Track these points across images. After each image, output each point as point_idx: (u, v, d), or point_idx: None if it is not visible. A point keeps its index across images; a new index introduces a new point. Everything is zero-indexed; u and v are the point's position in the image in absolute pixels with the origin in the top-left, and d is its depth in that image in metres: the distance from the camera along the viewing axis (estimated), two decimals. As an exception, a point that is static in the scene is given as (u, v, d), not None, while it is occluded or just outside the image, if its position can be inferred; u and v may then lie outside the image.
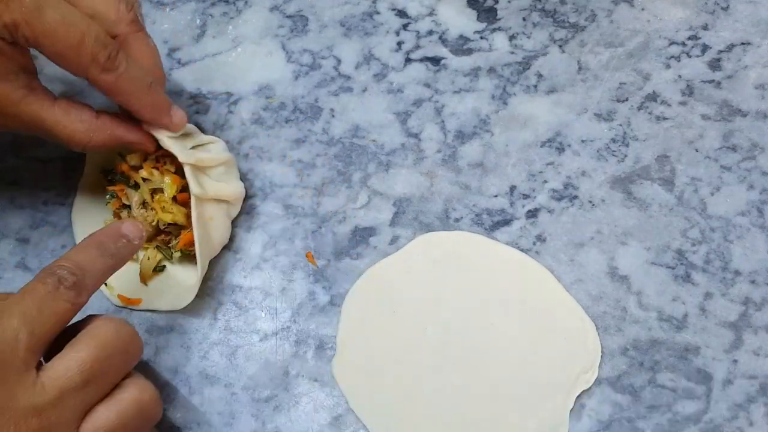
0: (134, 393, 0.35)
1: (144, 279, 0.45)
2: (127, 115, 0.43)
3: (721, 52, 0.51)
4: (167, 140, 0.43)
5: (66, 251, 0.37)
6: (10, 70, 0.39)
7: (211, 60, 0.53)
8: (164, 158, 0.44)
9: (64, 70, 0.39)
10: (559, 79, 0.51)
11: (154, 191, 0.44)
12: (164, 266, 0.45)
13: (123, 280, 0.45)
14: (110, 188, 0.45)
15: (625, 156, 0.47)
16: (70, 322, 0.35)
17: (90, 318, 0.36)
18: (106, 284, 0.45)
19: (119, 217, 0.45)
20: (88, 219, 0.46)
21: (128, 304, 0.44)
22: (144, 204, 0.44)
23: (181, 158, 0.42)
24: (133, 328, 0.36)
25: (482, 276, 0.44)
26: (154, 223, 0.44)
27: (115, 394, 0.34)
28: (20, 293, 0.33)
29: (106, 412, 0.34)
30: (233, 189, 0.45)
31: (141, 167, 0.44)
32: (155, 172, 0.44)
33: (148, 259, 0.45)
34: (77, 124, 0.41)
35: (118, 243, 0.38)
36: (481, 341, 0.41)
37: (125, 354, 0.35)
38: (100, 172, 0.47)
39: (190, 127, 0.45)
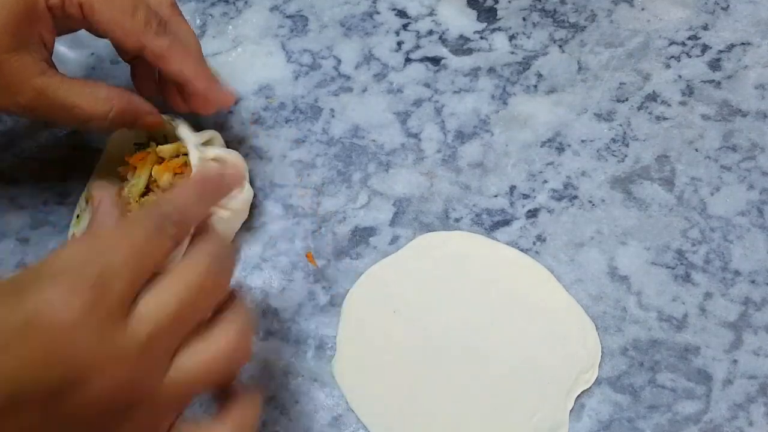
0: (222, 340, 0.32)
1: None
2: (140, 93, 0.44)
3: (721, 52, 0.51)
4: (192, 147, 0.43)
5: (172, 191, 0.34)
6: (37, 42, 0.39)
7: (211, 60, 0.53)
8: (188, 168, 0.44)
9: (115, 40, 0.41)
10: (559, 79, 0.51)
11: (150, 190, 0.44)
12: None
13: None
14: (128, 157, 0.45)
15: (625, 156, 0.47)
16: None
17: (188, 249, 0.33)
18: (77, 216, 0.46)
19: (123, 180, 0.45)
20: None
21: None
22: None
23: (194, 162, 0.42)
24: (223, 262, 0.33)
25: (482, 276, 0.44)
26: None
27: (203, 336, 0.32)
28: (122, 234, 0.31)
29: (192, 356, 0.31)
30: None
31: (163, 161, 0.44)
32: (166, 175, 0.43)
33: None
34: (98, 95, 0.41)
35: (217, 193, 0.36)
36: (481, 341, 0.41)
37: (209, 294, 0.32)
38: (134, 144, 0.46)
39: (213, 135, 0.46)
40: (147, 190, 0.44)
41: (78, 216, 0.47)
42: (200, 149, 0.44)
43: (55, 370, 0.28)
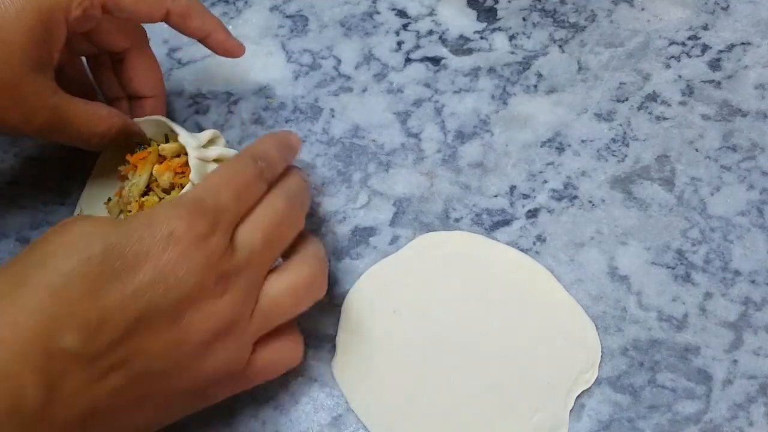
0: (305, 270, 0.37)
1: None
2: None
3: (721, 52, 0.51)
4: (192, 150, 0.43)
5: (254, 142, 0.39)
6: (49, 61, 0.40)
7: (211, 60, 0.53)
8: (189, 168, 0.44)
9: (141, 18, 0.43)
10: (559, 79, 0.51)
11: (150, 190, 0.44)
12: None
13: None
14: (129, 156, 0.45)
15: (625, 156, 0.47)
16: None
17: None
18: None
19: (123, 180, 0.46)
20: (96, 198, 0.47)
21: None
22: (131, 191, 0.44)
23: (192, 176, 0.42)
24: (300, 195, 0.38)
25: (482, 276, 0.44)
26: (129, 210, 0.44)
27: (287, 267, 0.37)
28: (228, 172, 0.36)
29: (279, 284, 0.36)
30: None
31: (164, 160, 0.44)
32: (166, 175, 0.43)
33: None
34: (100, 114, 0.42)
35: (290, 153, 0.40)
36: (481, 341, 0.41)
37: (292, 222, 0.37)
38: (135, 143, 0.46)
39: (215, 135, 0.46)
40: (147, 190, 0.44)
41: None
42: (201, 151, 0.44)
43: (180, 284, 0.31)
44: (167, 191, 0.44)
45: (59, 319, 0.29)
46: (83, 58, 0.48)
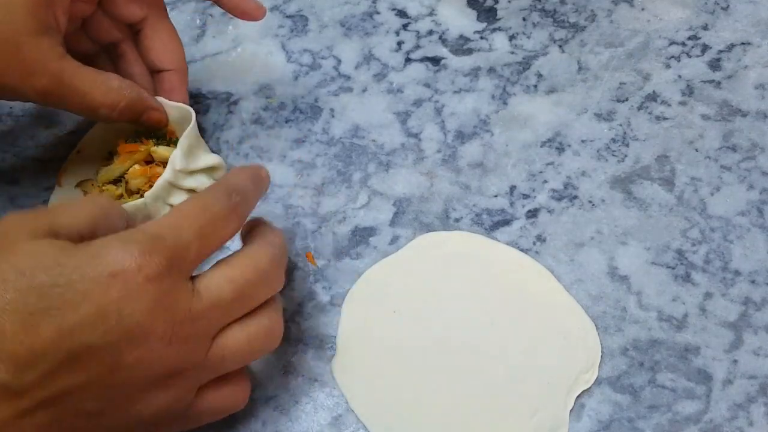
0: (265, 322, 0.35)
1: None
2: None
3: (721, 52, 0.51)
4: (170, 170, 0.42)
5: (227, 175, 0.37)
6: (54, 25, 0.39)
7: (211, 60, 0.53)
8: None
9: None
10: (559, 79, 0.51)
11: (120, 181, 0.43)
12: None
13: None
14: (121, 143, 0.44)
15: (625, 156, 0.47)
16: None
17: (253, 234, 0.36)
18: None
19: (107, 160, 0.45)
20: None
21: None
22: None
23: (168, 175, 0.41)
24: (284, 256, 0.36)
25: (482, 276, 0.44)
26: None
27: (248, 318, 0.34)
28: (197, 206, 0.33)
29: (237, 334, 0.34)
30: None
31: (150, 163, 0.43)
32: (139, 179, 0.42)
33: None
34: (110, 85, 0.41)
35: (263, 187, 0.38)
36: (481, 341, 0.41)
37: (271, 283, 0.35)
38: (135, 131, 0.45)
39: (216, 164, 0.45)
40: (117, 181, 0.44)
41: None
42: (176, 175, 0.42)
43: (121, 325, 0.29)
44: (132, 193, 0.43)
45: None
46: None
